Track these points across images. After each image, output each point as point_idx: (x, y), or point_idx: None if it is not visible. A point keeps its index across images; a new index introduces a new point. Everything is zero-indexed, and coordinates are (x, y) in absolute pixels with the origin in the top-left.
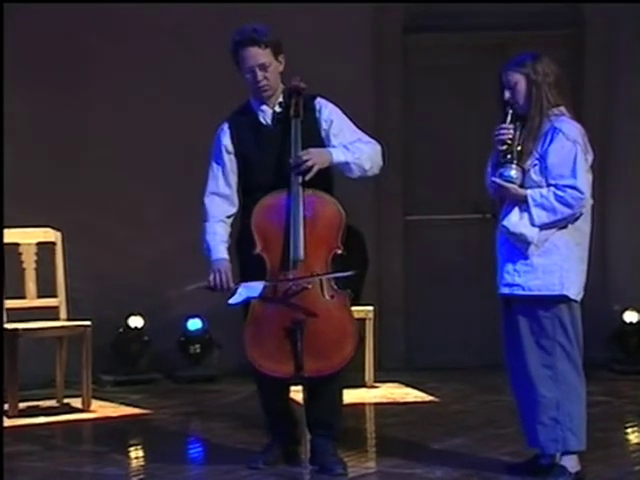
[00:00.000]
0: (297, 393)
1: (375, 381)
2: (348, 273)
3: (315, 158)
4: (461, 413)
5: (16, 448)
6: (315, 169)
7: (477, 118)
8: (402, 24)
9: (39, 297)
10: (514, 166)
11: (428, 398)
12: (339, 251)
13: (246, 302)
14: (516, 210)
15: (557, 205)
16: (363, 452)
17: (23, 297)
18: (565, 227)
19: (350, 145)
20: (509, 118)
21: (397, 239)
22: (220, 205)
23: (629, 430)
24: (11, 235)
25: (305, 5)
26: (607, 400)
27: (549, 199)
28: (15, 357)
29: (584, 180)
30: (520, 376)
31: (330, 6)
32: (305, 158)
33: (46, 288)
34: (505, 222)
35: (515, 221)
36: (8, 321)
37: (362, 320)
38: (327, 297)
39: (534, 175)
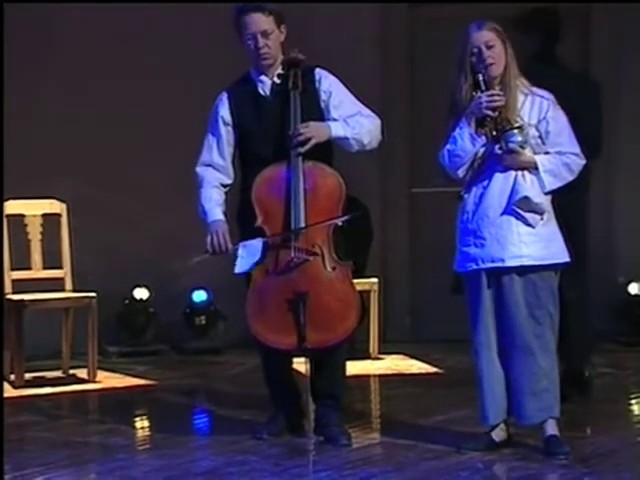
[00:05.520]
0: (301, 365)
1: (380, 353)
2: (346, 217)
3: (313, 131)
4: (465, 385)
5: (22, 418)
6: (312, 142)
7: None
8: None
9: (45, 268)
10: (516, 131)
11: (432, 370)
12: (340, 223)
13: (252, 269)
14: (521, 179)
15: (563, 171)
16: (367, 423)
17: (29, 268)
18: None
19: (350, 119)
20: (483, 84)
21: (402, 211)
22: (213, 173)
23: (633, 401)
24: (16, 206)
25: None
26: (611, 372)
27: (557, 165)
28: (21, 328)
29: None
30: (509, 349)
31: None
32: (303, 130)
33: (52, 259)
34: (527, 193)
35: (531, 191)
36: (14, 292)
37: (367, 292)
38: (329, 269)
39: (540, 143)
